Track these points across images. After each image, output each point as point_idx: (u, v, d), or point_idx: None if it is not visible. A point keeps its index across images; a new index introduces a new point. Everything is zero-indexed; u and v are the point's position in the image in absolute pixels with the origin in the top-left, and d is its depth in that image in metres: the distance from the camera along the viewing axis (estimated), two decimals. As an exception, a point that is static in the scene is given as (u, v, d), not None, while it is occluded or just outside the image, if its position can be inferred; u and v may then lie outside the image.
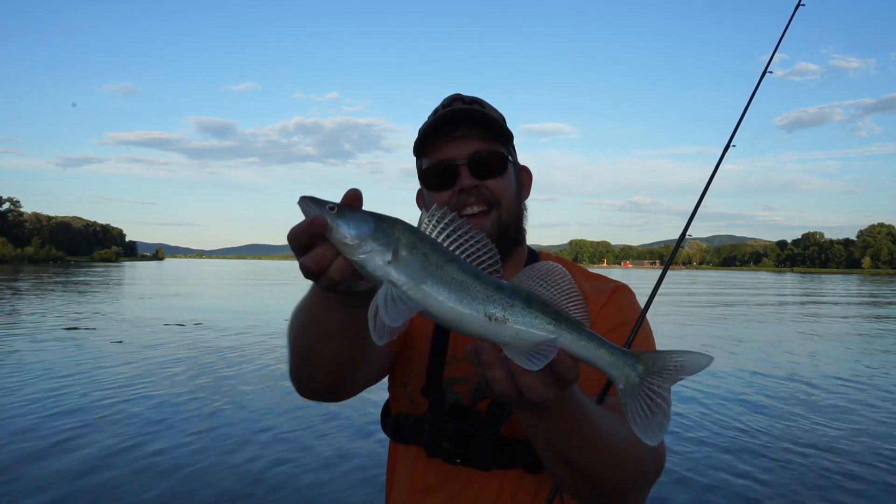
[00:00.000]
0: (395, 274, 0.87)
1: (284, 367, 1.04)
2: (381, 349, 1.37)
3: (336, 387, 1.27)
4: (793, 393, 9.03)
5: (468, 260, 0.91)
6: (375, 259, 0.88)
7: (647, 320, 1.42)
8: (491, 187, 1.38)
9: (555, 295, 0.91)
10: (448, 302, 0.88)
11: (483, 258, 0.91)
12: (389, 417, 1.51)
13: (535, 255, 1.55)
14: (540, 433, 1.04)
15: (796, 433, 6.91)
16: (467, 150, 1.38)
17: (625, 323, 1.39)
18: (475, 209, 1.38)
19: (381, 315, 0.84)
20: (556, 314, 0.90)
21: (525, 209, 1.50)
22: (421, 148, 1.44)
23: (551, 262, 0.95)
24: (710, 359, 0.91)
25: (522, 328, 0.88)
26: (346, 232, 0.88)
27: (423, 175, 1.44)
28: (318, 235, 0.89)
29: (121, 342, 12.83)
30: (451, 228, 0.91)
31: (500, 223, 1.40)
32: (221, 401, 7.86)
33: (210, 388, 8.62)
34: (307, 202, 0.89)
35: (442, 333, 1.41)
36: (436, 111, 1.44)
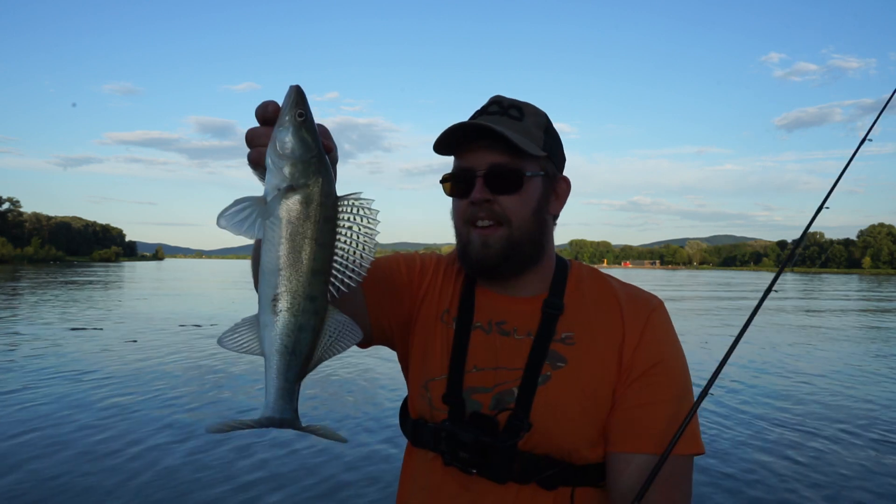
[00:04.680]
0: (270, 199, 0.89)
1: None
2: (358, 299, 1.36)
3: None
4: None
5: (336, 252, 0.92)
6: (276, 175, 0.89)
7: (683, 353, 1.35)
8: (503, 204, 1.33)
9: None
10: (269, 260, 0.90)
11: (348, 259, 0.93)
12: (409, 419, 1.49)
13: (563, 267, 1.47)
14: None
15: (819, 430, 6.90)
16: (487, 162, 1.33)
17: (663, 361, 1.32)
18: (486, 222, 1.33)
19: (231, 210, 0.88)
20: None
21: (553, 223, 1.44)
22: (447, 149, 1.40)
23: None
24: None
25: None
26: (284, 137, 0.89)
27: (447, 178, 1.41)
28: (270, 120, 0.93)
29: (135, 341, 12.77)
30: (358, 220, 0.93)
31: (510, 240, 1.33)
32: (245, 398, 7.84)
33: (232, 388, 8.60)
34: (295, 94, 0.91)
35: (462, 342, 1.38)
36: (475, 112, 1.40)
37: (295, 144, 0.89)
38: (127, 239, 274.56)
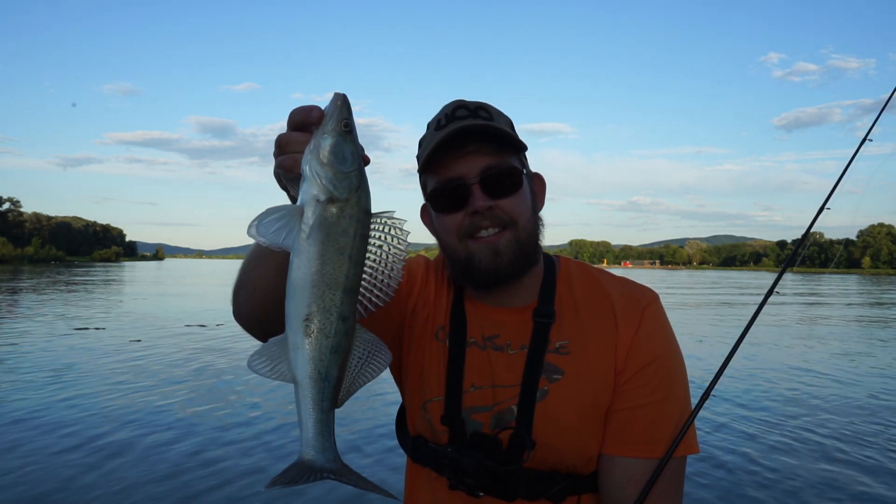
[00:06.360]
0: (308, 212, 0.84)
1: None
2: None
3: (260, 322, 1.18)
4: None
5: (365, 270, 0.89)
6: (315, 185, 0.84)
7: (678, 349, 1.34)
8: (506, 207, 1.26)
9: None
10: (302, 276, 0.85)
11: (376, 278, 0.89)
12: (408, 435, 1.45)
13: (552, 265, 1.44)
14: None
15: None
16: (478, 167, 1.25)
17: (657, 359, 1.29)
18: (491, 231, 1.26)
19: (265, 220, 0.83)
20: None
21: (541, 222, 1.38)
22: (426, 165, 1.30)
23: None
24: None
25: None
26: (329, 146, 0.85)
27: (431, 196, 1.32)
28: (311, 124, 0.87)
29: (139, 341, 12.68)
30: (389, 239, 0.89)
31: (518, 243, 1.27)
32: (251, 401, 7.84)
33: (236, 388, 8.58)
34: (339, 101, 0.88)
35: (457, 361, 1.33)
36: (438, 121, 1.30)
37: (340, 154, 0.85)
38: (127, 239, 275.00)
